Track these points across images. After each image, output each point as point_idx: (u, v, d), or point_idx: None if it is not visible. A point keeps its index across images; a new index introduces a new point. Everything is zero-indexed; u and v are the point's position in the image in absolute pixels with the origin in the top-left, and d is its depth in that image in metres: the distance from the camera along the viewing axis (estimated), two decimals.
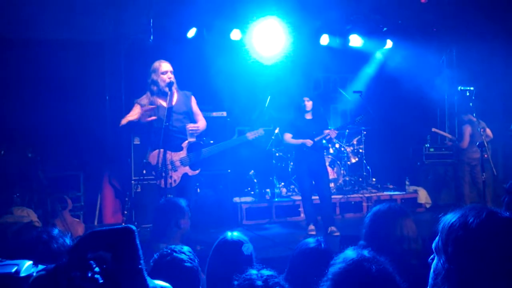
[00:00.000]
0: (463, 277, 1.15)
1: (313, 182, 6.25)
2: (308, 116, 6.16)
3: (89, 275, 0.99)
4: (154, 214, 3.58)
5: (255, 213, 6.88)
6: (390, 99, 7.99)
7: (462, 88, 5.23)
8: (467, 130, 6.90)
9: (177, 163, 4.64)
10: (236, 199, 7.04)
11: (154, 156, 4.57)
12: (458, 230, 1.19)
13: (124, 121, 4.61)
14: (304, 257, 2.32)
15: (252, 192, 7.38)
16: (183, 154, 4.68)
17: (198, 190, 6.67)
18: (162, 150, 4.45)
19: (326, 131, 6.07)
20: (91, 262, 1.01)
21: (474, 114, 5.50)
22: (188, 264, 2.06)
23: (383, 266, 1.52)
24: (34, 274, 1.03)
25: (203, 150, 4.82)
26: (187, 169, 4.70)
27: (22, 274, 1.09)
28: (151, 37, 5.96)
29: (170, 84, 4.56)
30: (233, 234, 2.40)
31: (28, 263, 1.16)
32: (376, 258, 1.55)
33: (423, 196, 7.60)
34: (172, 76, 4.65)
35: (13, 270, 1.11)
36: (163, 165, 4.43)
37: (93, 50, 6.72)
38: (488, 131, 6.81)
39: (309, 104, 6.10)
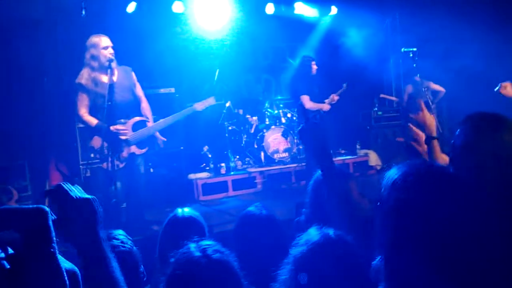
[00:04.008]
0: (400, 234, 1.13)
1: None
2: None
3: None
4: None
5: (212, 188, 6.84)
6: (338, 66, 8.04)
7: (405, 49, 5.32)
8: (408, 89, 7.34)
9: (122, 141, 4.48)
10: (191, 176, 6.96)
11: (97, 139, 4.39)
12: (398, 189, 1.16)
13: (86, 119, 4.43)
14: (248, 225, 2.32)
15: (207, 168, 7.31)
16: (127, 135, 4.52)
17: (151, 170, 6.54)
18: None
19: (333, 97, 6.14)
20: None
21: (418, 75, 5.64)
22: (122, 249, 1.95)
23: (349, 248, 1.44)
24: None
25: (148, 128, 4.67)
26: (133, 148, 4.55)
27: None
28: (83, 12, 5.64)
29: (112, 60, 4.38)
30: (184, 210, 2.34)
31: None
32: (342, 240, 1.46)
33: (373, 159, 7.82)
34: (112, 51, 4.47)
35: None
36: (107, 146, 4.26)
37: (27, 30, 6.31)
38: (437, 86, 7.08)
39: (315, 68, 6.05)
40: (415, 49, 5.24)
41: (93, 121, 4.39)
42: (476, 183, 1.55)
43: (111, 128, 4.28)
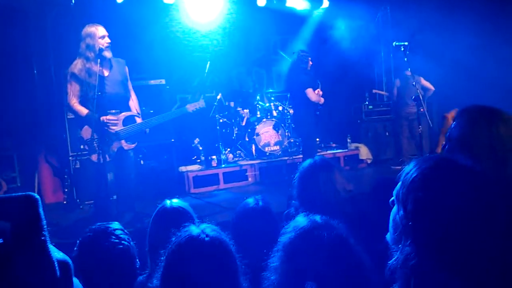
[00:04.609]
0: (421, 235, 1.11)
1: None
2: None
3: None
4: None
5: (203, 181, 6.82)
6: (329, 59, 8.04)
7: (396, 43, 5.31)
8: (396, 83, 7.42)
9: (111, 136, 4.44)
10: (182, 168, 6.93)
11: (87, 130, 4.34)
12: (418, 190, 1.11)
13: (77, 109, 4.34)
14: (245, 217, 2.32)
15: (198, 160, 7.29)
16: (118, 127, 4.47)
17: (142, 162, 6.50)
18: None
19: (318, 91, 6.18)
20: None
21: (409, 69, 5.63)
22: (120, 247, 1.93)
23: (336, 232, 1.43)
24: None
25: (139, 124, 4.63)
26: (122, 143, 4.51)
27: None
28: (73, 1, 5.55)
29: (102, 50, 4.32)
30: (173, 202, 2.32)
31: None
32: (328, 224, 1.45)
33: (364, 152, 7.86)
34: (109, 40, 4.41)
35: None
36: (97, 138, 4.20)
37: (16, 20, 6.21)
38: (427, 83, 7.12)
39: (310, 64, 6.12)
40: (406, 43, 5.23)
41: (84, 110, 4.33)
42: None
43: (102, 118, 4.23)
